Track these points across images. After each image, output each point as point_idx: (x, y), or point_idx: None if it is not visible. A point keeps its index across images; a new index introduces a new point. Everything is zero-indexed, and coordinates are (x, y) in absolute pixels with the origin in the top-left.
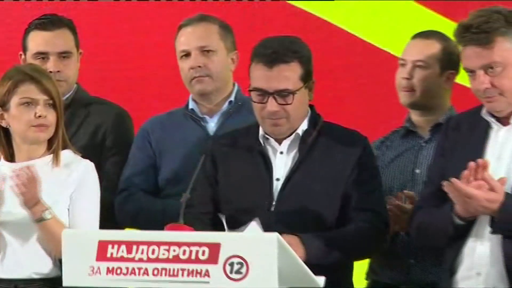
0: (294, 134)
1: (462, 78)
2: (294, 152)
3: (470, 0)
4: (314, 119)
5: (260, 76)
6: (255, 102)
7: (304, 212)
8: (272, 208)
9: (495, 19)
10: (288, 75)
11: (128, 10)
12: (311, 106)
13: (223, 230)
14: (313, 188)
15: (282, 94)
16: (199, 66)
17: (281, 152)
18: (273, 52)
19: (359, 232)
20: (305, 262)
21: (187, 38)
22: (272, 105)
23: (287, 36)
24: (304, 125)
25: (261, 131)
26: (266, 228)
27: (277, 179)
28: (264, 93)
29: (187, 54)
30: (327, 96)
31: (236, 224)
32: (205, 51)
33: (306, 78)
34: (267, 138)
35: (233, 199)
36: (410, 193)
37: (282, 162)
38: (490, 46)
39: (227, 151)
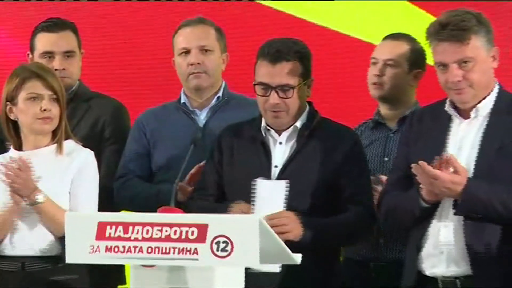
0: (292, 127)
1: None
2: (292, 142)
3: (462, 0)
4: (312, 114)
5: (264, 72)
6: (259, 95)
7: (298, 196)
8: None
9: (469, 18)
10: (289, 72)
11: (123, 12)
12: (309, 102)
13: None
14: (307, 176)
15: (284, 88)
16: (198, 63)
17: (280, 143)
18: (277, 51)
19: (350, 223)
20: (299, 241)
21: (187, 37)
22: (274, 98)
23: (290, 38)
24: (302, 119)
25: (263, 123)
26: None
27: (276, 166)
28: (267, 87)
29: (186, 52)
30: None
31: (230, 201)
32: (203, 50)
33: (306, 75)
34: (268, 130)
35: (237, 183)
36: (382, 177)
37: (280, 151)
38: (465, 42)
39: (232, 141)
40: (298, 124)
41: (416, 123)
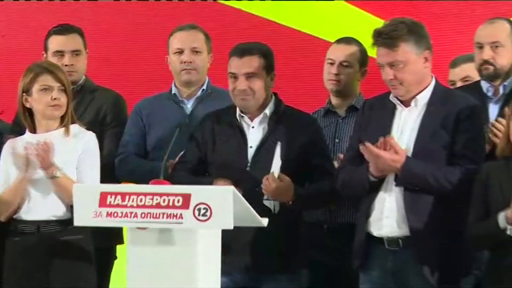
0: (262, 114)
1: None
2: (262, 127)
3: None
4: (278, 103)
5: (233, 64)
6: (230, 84)
7: (270, 171)
8: (247, 168)
9: (400, 28)
10: (254, 63)
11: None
12: (275, 94)
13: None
14: (280, 157)
15: (249, 75)
16: (190, 62)
17: (253, 127)
18: (244, 48)
19: (323, 190)
20: (290, 203)
21: (181, 40)
22: (241, 84)
23: (255, 41)
24: (270, 107)
25: (238, 111)
26: (244, 182)
27: (251, 147)
28: (236, 75)
29: (180, 52)
30: None
31: (215, 176)
32: (194, 51)
33: (268, 69)
34: (242, 116)
35: (218, 161)
36: (340, 155)
37: (254, 134)
38: (395, 49)
39: (213, 125)
40: (267, 111)
41: (367, 110)
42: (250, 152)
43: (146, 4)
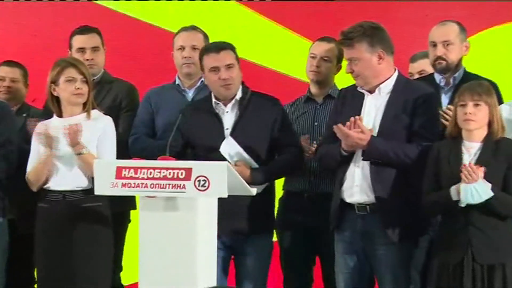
0: (233, 100)
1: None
2: (235, 111)
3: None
4: (245, 90)
5: (212, 60)
6: (212, 78)
7: (246, 148)
8: None
9: (356, 30)
10: (230, 56)
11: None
12: (242, 82)
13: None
14: (250, 133)
15: (229, 66)
16: (190, 57)
17: (227, 111)
18: (217, 45)
19: (289, 160)
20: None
21: (184, 39)
22: (224, 74)
23: (221, 41)
24: (239, 94)
25: (213, 99)
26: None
27: (227, 129)
28: (218, 68)
29: (182, 48)
30: None
31: (204, 158)
32: (194, 48)
33: (238, 60)
34: (217, 103)
35: (200, 143)
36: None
37: (228, 118)
38: (351, 47)
39: (192, 113)
40: (237, 97)
41: (341, 98)
42: (227, 133)
43: None
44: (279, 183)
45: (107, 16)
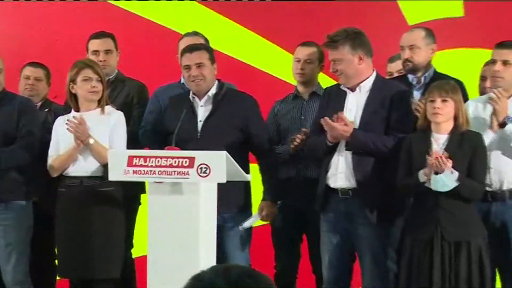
0: (207, 95)
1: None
2: (209, 105)
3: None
4: (220, 86)
5: (186, 58)
6: (185, 75)
7: (217, 139)
8: (198, 137)
9: (340, 34)
10: (202, 55)
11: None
12: (219, 80)
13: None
14: (221, 126)
15: (199, 65)
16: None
17: (201, 105)
18: (191, 46)
19: (268, 163)
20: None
21: (187, 43)
22: (194, 71)
23: (198, 43)
24: (213, 89)
25: (190, 95)
26: (196, 148)
27: (200, 121)
28: (190, 66)
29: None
30: None
31: (180, 147)
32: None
33: (212, 60)
34: (194, 97)
35: (178, 133)
36: (303, 129)
37: (202, 111)
38: (334, 49)
39: (173, 106)
40: (210, 93)
41: (327, 96)
42: (200, 125)
43: None
44: None
45: (122, 19)
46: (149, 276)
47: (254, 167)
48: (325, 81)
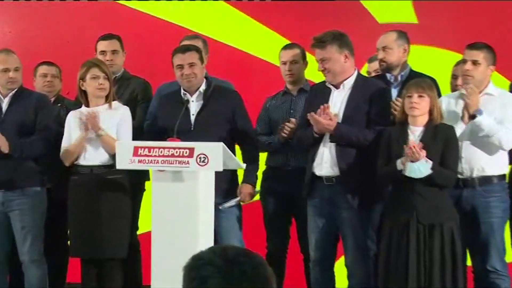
0: (198, 91)
1: None
2: (199, 101)
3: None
4: (209, 83)
5: (178, 59)
6: (178, 74)
7: (207, 131)
8: (192, 129)
9: (328, 36)
10: (193, 56)
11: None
12: (206, 77)
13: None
14: (212, 118)
15: (191, 64)
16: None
17: (193, 101)
18: (184, 47)
19: (250, 150)
20: None
21: (181, 59)
22: (187, 70)
23: (189, 44)
24: (202, 86)
25: (182, 91)
26: (190, 139)
27: (193, 114)
28: (183, 66)
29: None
30: None
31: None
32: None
33: (201, 60)
34: (185, 94)
35: (171, 127)
36: (291, 119)
37: (194, 106)
38: (322, 49)
39: (166, 103)
40: (201, 89)
41: (313, 92)
42: (192, 118)
43: None
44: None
45: (128, 19)
46: (153, 255)
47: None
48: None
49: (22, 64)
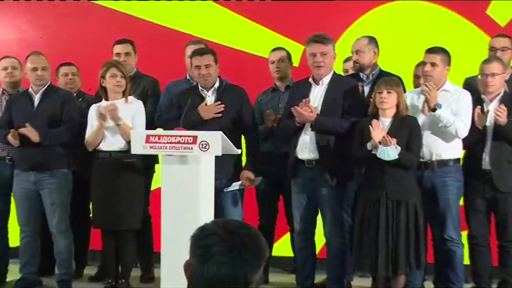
0: (213, 87)
1: None
2: (214, 95)
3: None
4: (221, 81)
5: (197, 60)
6: (196, 73)
7: (221, 119)
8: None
9: (327, 36)
10: (209, 58)
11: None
12: (219, 76)
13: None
14: (224, 110)
15: (207, 65)
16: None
17: (209, 96)
18: (201, 51)
19: (252, 138)
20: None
21: (192, 49)
22: (203, 70)
23: (205, 48)
24: (217, 84)
25: (200, 87)
26: (206, 127)
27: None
28: (200, 66)
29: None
30: None
31: (193, 127)
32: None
33: (216, 61)
34: (202, 90)
35: (183, 116)
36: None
37: (210, 100)
38: (326, 44)
39: (186, 97)
40: (216, 86)
41: (296, 88)
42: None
43: None
44: None
45: (141, 27)
46: (162, 226)
47: None
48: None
49: (50, 65)
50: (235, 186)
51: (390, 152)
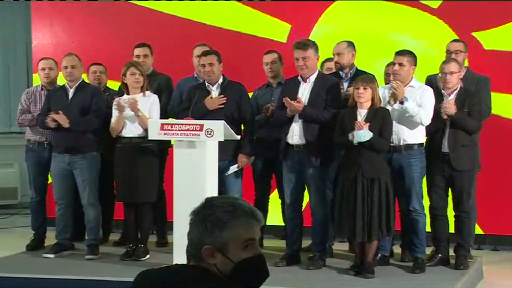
0: (217, 84)
1: None
2: (218, 90)
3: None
4: (224, 78)
5: (202, 59)
6: (202, 70)
7: (224, 111)
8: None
9: (309, 42)
10: (212, 58)
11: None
12: (223, 74)
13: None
14: (227, 102)
15: (211, 64)
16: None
17: (213, 90)
18: (206, 52)
19: (249, 127)
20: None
21: (199, 50)
22: (207, 68)
23: (209, 49)
24: (220, 80)
25: (206, 83)
26: (211, 117)
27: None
28: (204, 65)
29: (199, 56)
30: None
31: (199, 117)
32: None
33: (219, 61)
34: (208, 85)
35: (192, 109)
36: (269, 105)
37: (214, 94)
38: (306, 50)
39: (194, 91)
40: (219, 82)
41: (287, 84)
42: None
43: None
44: None
45: (162, 27)
46: (175, 199)
47: None
48: None
49: (81, 64)
50: (233, 169)
51: (364, 135)
